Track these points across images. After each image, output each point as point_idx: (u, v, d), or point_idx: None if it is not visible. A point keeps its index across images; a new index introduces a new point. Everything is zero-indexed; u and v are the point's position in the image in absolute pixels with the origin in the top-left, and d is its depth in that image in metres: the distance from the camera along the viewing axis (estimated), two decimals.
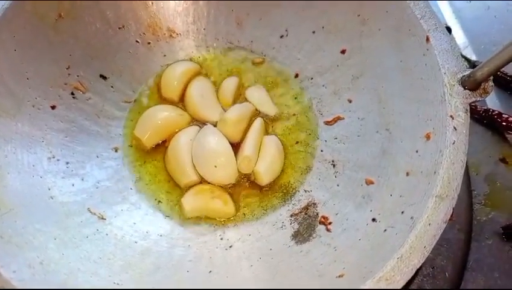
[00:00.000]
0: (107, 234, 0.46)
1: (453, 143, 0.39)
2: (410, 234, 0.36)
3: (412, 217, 0.37)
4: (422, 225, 0.36)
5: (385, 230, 0.39)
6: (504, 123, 0.55)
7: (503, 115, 0.56)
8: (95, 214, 0.47)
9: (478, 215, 0.53)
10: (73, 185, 0.49)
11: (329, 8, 0.54)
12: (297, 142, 0.53)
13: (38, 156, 0.48)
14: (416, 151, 0.42)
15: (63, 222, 0.45)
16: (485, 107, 0.57)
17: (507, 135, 0.56)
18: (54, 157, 0.49)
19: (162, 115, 0.53)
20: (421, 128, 0.43)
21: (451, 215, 0.37)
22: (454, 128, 0.40)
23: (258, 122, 0.53)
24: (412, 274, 0.35)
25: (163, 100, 0.56)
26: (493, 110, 0.57)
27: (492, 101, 0.59)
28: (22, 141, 0.48)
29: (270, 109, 0.55)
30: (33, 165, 0.47)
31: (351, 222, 0.44)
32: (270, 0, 0.56)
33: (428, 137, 0.42)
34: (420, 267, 0.43)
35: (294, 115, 0.55)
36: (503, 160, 0.55)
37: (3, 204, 0.42)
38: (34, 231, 0.42)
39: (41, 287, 0.37)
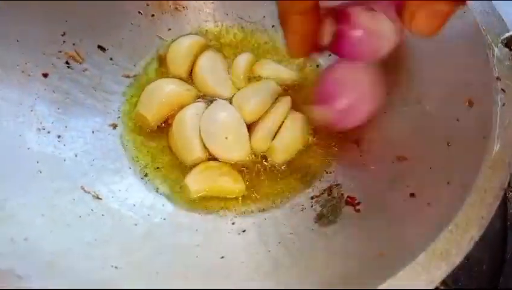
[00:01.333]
0: (103, 215, 0.40)
1: (503, 105, 0.35)
2: (463, 203, 0.31)
3: (462, 185, 0.33)
4: (476, 192, 0.31)
5: (429, 203, 0.34)
6: None
7: None
8: (89, 192, 0.41)
9: None
10: (65, 160, 0.43)
11: None
12: None
13: (26, 126, 0.42)
14: (457, 120, 0.38)
15: (53, 198, 0.39)
16: None
17: None
18: (44, 129, 0.43)
19: (168, 89, 0.48)
20: (460, 94, 0.38)
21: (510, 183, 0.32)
22: (503, 90, 0.36)
23: (285, 103, 0.48)
24: (469, 248, 0.30)
25: (171, 77, 0.51)
26: None
27: None
28: (9, 108, 0.42)
29: (289, 75, 0.50)
30: (20, 135, 0.41)
31: (384, 200, 0.39)
32: None
33: (470, 103, 0.37)
34: None
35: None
36: None
37: None
38: (18, 206, 0.36)
39: (21, 264, 0.31)
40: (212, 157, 0.46)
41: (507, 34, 0.38)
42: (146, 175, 0.45)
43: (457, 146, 0.36)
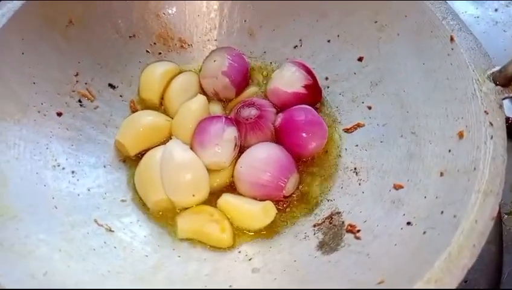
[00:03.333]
0: (115, 247, 0.42)
1: (491, 138, 0.37)
2: (456, 232, 0.33)
3: (455, 216, 0.35)
4: (468, 222, 0.33)
5: (424, 232, 0.36)
6: None
7: None
8: (102, 225, 0.44)
9: (508, 225, 0.50)
10: (78, 195, 0.45)
11: (345, 16, 0.53)
12: None
13: (42, 164, 0.45)
14: (449, 151, 0.40)
15: (69, 233, 0.41)
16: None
17: None
18: (59, 165, 0.46)
19: (146, 120, 0.50)
20: (452, 127, 0.41)
21: (498, 213, 0.34)
22: (490, 123, 0.38)
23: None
24: (463, 275, 0.32)
25: (143, 101, 0.54)
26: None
27: (508, 109, 0.58)
28: (26, 147, 0.44)
29: None
30: (37, 173, 0.44)
31: (383, 227, 0.41)
32: (284, 11, 0.56)
33: (461, 135, 0.40)
34: None
35: None
36: None
37: (6, 209, 0.38)
38: (38, 241, 0.38)
39: None
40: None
41: (493, 70, 0.41)
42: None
43: (449, 176, 0.39)
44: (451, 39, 0.43)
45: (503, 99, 0.40)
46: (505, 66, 0.39)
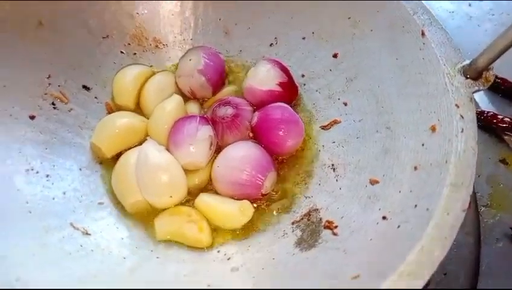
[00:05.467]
0: (92, 250, 0.42)
1: (462, 131, 0.38)
2: (428, 225, 0.33)
3: (427, 209, 0.35)
4: (439, 215, 0.34)
5: (399, 226, 0.37)
6: (500, 124, 0.55)
7: (498, 116, 0.55)
8: (78, 229, 0.43)
9: (485, 218, 0.51)
10: (53, 199, 0.45)
11: (319, 13, 0.53)
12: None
13: (15, 168, 0.44)
14: (422, 145, 0.41)
15: (42, 237, 0.40)
16: (480, 110, 0.57)
17: (504, 137, 0.55)
18: (32, 169, 0.45)
19: (121, 122, 0.50)
20: (425, 121, 0.41)
21: (469, 205, 0.34)
22: (461, 116, 0.38)
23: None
24: (435, 267, 0.32)
25: (119, 108, 0.53)
26: (488, 112, 0.56)
27: (485, 104, 0.59)
28: None
29: None
30: (9, 178, 0.43)
31: (359, 223, 0.41)
32: (259, 9, 0.56)
33: (433, 129, 0.40)
34: (432, 275, 0.39)
35: None
36: (503, 161, 0.54)
37: None
38: (10, 247, 0.37)
39: None
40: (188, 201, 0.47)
41: (463, 63, 0.41)
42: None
43: (422, 170, 0.39)
44: (422, 34, 0.44)
45: (474, 92, 0.40)
46: (474, 60, 0.40)
